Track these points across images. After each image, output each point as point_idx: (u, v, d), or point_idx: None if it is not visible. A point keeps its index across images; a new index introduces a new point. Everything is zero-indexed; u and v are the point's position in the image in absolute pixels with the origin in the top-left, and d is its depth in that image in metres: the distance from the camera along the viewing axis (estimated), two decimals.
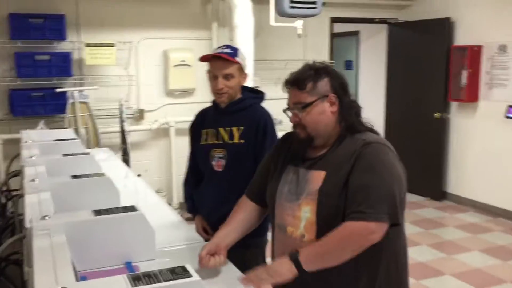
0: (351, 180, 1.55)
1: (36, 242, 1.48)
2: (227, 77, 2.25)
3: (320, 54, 6.17)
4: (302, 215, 1.62)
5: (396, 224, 1.56)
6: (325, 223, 1.57)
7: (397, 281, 1.68)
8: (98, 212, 1.66)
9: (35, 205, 1.84)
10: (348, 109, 1.67)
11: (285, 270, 1.52)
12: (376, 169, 1.55)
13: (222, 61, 2.24)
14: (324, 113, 1.63)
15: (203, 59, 2.33)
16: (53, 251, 1.41)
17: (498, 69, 5.36)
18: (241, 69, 2.30)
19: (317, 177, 1.61)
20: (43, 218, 1.59)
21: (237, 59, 2.27)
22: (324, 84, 1.63)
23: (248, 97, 2.36)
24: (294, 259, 1.52)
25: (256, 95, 2.42)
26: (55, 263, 1.32)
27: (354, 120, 1.67)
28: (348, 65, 8.63)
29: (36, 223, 1.55)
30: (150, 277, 1.11)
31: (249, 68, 5.09)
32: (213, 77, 2.28)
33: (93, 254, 1.63)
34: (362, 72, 7.15)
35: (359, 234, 1.51)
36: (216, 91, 2.29)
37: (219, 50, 2.30)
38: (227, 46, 2.32)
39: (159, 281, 1.09)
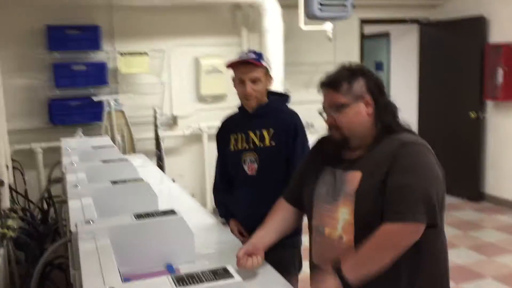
0: (388, 181, 1.55)
1: (82, 245, 1.53)
2: (255, 81, 2.28)
3: (350, 56, 6.14)
4: (340, 216, 1.62)
5: (434, 226, 1.55)
6: (363, 224, 1.57)
7: (437, 282, 1.66)
8: (139, 216, 1.70)
9: (78, 210, 1.91)
10: (384, 110, 1.66)
11: (328, 284, 1.52)
12: (413, 170, 1.55)
13: (249, 65, 2.28)
14: (359, 114, 1.64)
15: (230, 65, 2.36)
16: (98, 254, 1.46)
17: None
18: (267, 73, 2.33)
19: (354, 178, 1.62)
20: (87, 222, 1.64)
21: (263, 63, 2.30)
22: (359, 85, 1.64)
23: (274, 100, 2.39)
24: (338, 272, 1.52)
25: (281, 97, 2.45)
26: (101, 265, 1.37)
27: (390, 120, 1.67)
28: (379, 66, 8.56)
29: (81, 227, 1.60)
30: (193, 278, 1.14)
31: (279, 72, 5.15)
32: (240, 82, 2.31)
33: (135, 257, 1.67)
34: (393, 73, 7.08)
35: (397, 235, 1.51)
36: (244, 96, 2.32)
37: (245, 56, 2.33)
38: (252, 51, 2.37)
39: (201, 282, 1.12)
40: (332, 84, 1.65)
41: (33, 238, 2.79)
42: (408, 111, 6.52)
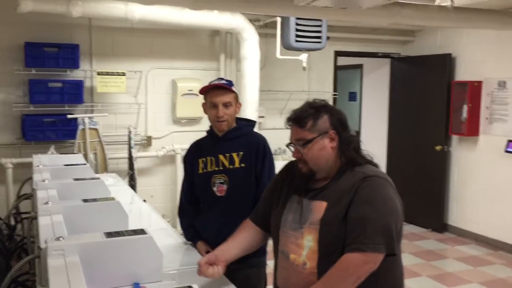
0: (350, 212, 1.64)
1: (51, 261, 1.57)
2: (226, 105, 2.40)
3: (324, 85, 6.33)
4: (305, 244, 1.71)
5: (392, 255, 1.64)
6: (326, 252, 1.66)
7: None
8: (109, 234, 1.74)
9: (48, 227, 1.94)
10: (348, 144, 1.77)
11: None
12: (373, 202, 1.64)
13: (220, 90, 2.40)
14: (324, 149, 1.74)
15: (203, 90, 2.49)
16: (67, 271, 1.50)
17: (498, 104, 5.49)
18: (236, 98, 2.46)
19: (319, 207, 1.71)
20: (57, 239, 1.67)
21: (233, 88, 2.44)
22: (323, 121, 1.74)
23: (243, 125, 2.52)
24: None
25: (248, 122, 2.58)
26: (69, 283, 1.41)
27: (353, 154, 1.77)
28: (352, 96, 8.79)
29: (51, 243, 1.63)
30: None
31: (254, 98, 5.27)
32: (212, 106, 2.42)
33: (104, 275, 1.70)
34: (366, 103, 7.28)
35: (357, 264, 1.59)
36: (216, 119, 2.42)
37: (217, 82, 2.46)
38: (222, 79, 2.51)
39: None
40: (298, 120, 1.76)
41: (0, 253, 2.77)
42: (378, 141, 6.75)
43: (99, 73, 4.95)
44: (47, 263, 1.57)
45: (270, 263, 2.05)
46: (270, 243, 2.00)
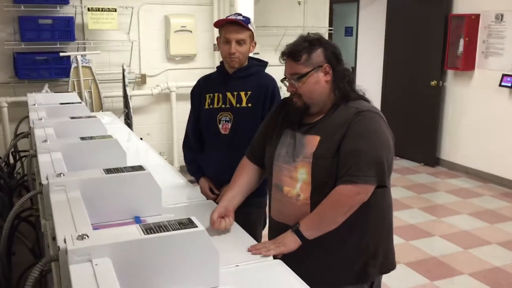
0: (343, 146, 1.68)
1: (54, 197, 1.62)
2: (240, 42, 2.33)
3: (320, 20, 6.21)
4: (299, 176, 1.76)
5: (383, 186, 1.70)
6: (319, 184, 1.71)
7: (382, 236, 1.83)
8: (109, 171, 1.79)
9: (48, 164, 1.98)
10: (342, 78, 1.78)
11: (290, 241, 1.68)
12: (366, 136, 1.68)
13: (236, 26, 2.32)
14: (318, 83, 1.75)
15: (218, 24, 2.41)
16: (70, 205, 1.55)
17: (494, 38, 5.44)
18: (252, 37, 2.38)
19: (312, 141, 1.75)
20: (58, 175, 1.71)
21: (250, 26, 2.35)
22: (318, 55, 1.74)
23: (254, 65, 2.47)
24: (296, 231, 1.68)
25: (260, 63, 2.53)
26: (72, 216, 1.47)
27: (347, 88, 1.79)
28: (348, 31, 8.65)
29: (52, 180, 1.67)
30: (160, 227, 1.26)
31: None
32: (226, 42, 2.35)
33: (105, 209, 1.77)
34: (362, 38, 7.19)
35: (349, 196, 1.66)
36: (228, 55, 2.36)
37: (233, 17, 2.37)
38: (239, 14, 2.40)
39: (168, 230, 1.24)
40: (292, 54, 1.75)
41: (2, 191, 2.83)
42: (374, 76, 6.74)
43: (89, 9, 4.84)
44: (49, 199, 1.63)
45: None
46: None
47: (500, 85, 5.35)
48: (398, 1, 6.49)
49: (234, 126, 2.41)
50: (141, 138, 5.05)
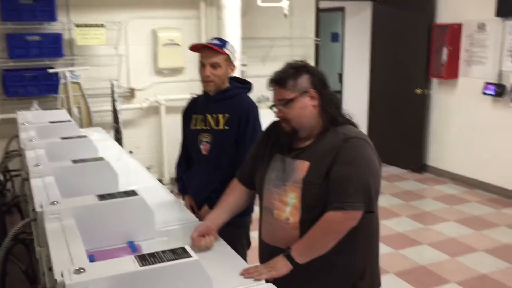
0: (332, 172, 1.73)
1: (48, 225, 1.65)
2: (214, 66, 2.42)
3: (307, 30, 6.29)
4: (289, 201, 1.81)
5: (371, 212, 1.76)
6: (308, 208, 1.77)
7: (369, 258, 1.89)
8: (102, 197, 1.82)
9: (41, 189, 2.01)
10: (329, 102, 1.84)
11: (281, 266, 1.72)
12: (354, 163, 1.73)
13: (210, 50, 2.42)
14: (306, 108, 1.80)
15: (193, 48, 2.50)
16: (65, 234, 1.59)
17: (477, 47, 5.55)
18: (228, 60, 2.45)
19: (302, 166, 1.80)
20: (52, 203, 1.74)
21: (225, 50, 2.43)
22: (303, 81, 1.80)
23: (235, 87, 2.53)
24: (287, 255, 1.73)
25: (243, 85, 2.59)
26: (68, 245, 1.50)
27: (334, 112, 1.84)
28: (335, 37, 8.74)
29: (46, 208, 1.71)
30: (155, 257, 1.30)
31: (236, 46, 5.22)
32: (201, 65, 2.46)
33: (99, 235, 1.80)
34: (348, 46, 7.28)
35: (338, 222, 1.71)
36: (203, 78, 2.46)
37: (209, 41, 2.47)
38: (217, 38, 2.50)
39: (163, 261, 1.28)
40: (279, 81, 1.81)
41: None
42: (360, 84, 6.84)
43: (77, 25, 4.87)
44: (44, 227, 1.66)
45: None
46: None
47: (483, 92, 5.46)
48: (383, 10, 6.60)
49: (212, 147, 2.49)
50: (130, 152, 5.09)
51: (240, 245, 2.48)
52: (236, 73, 2.96)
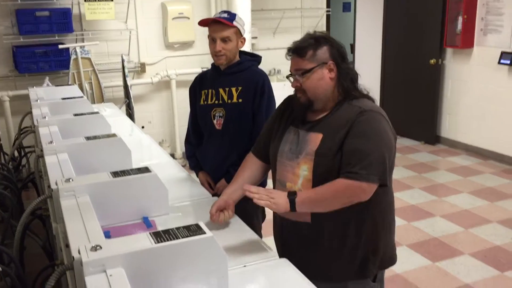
0: (345, 145, 1.71)
1: (64, 202, 1.67)
2: (225, 40, 2.40)
3: (317, 1, 6.18)
4: (301, 173, 1.80)
5: (384, 185, 1.74)
6: (319, 181, 1.75)
7: (383, 234, 1.86)
8: (116, 174, 1.83)
9: (55, 166, 2.02)
10: (346, 75, 1.81)
11: (281, 203, 1.71)
12: (369, 136, 1.71)
13: (220, 25, 2.39)
14: (323, 79, 1.78)
15: (202, 23, 2.47)
16: (80, 211, 1.61)
17: (492, 15, 5.41)
18: (238, 33, 2.43)
19: (315, 139, 1.78)
20: (67, 180, 1.76)
21: (235, 23, 2.41)
22: (323, 52, 1.77)
23: (246, 60, 2.52)
24: (291, 199, 1.71)
25: (253, 58, 2.57)
26: (84, 222, 1.52)
27: (350, 86, 1.82)
28: (346, 7, 8.60)
29: (61, 185, 1.72)
30: (170, 234, 1.31)
31: (246, 19, 5.17)
32: (211, 40, 2.44)
33: (113, 211, 1.82)
34: (360, 15, 7.14)
35: (352, 190, 1.69)
36: (214, 53, 2.44)
37: (217, 15, 2.44)
38: (225, 12, 2.47)
39: (177, 238, 1.29)
40: (298, 51, 1.78)
41: (11, 189, 2.89)
42: (372, 55, 6.72)
43: (86, 0, 4.82)
44: (59, 204, 1.68)
45: None
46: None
47: (499, 62, 5.35)
48: None
49: (226, 121, 2.48)
50: (142, 127, 5.11)
51: (255, 218, 2.50)
52: (246, 46, 2.93)
